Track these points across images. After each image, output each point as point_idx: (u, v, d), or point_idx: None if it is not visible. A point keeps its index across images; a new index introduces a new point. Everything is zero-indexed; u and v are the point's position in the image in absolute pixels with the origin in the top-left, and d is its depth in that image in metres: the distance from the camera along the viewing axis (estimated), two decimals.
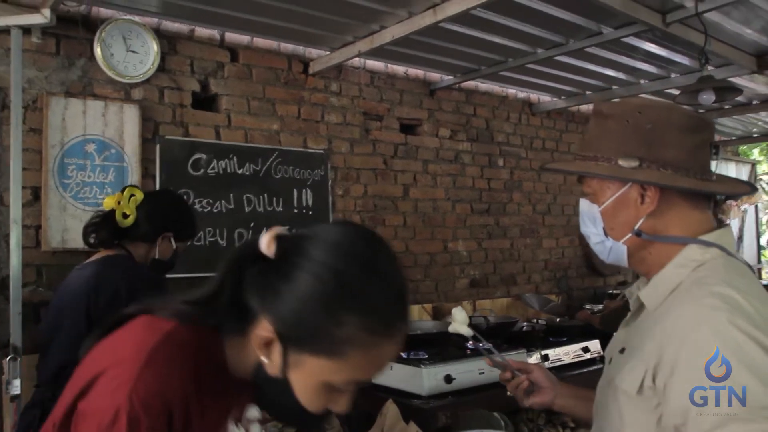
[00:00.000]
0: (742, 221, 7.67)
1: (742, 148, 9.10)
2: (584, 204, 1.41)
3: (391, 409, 2.62)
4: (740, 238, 7.67)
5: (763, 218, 9.57)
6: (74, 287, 2.28)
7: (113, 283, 2.19)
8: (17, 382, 2.78)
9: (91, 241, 2.37)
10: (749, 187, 1.49)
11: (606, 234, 1.36)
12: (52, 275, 3.14)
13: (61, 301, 2.33)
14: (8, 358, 2.82)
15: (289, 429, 2.66)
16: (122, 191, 2.41)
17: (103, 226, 2.37)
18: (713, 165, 4.63)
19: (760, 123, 6.85)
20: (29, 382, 2.81)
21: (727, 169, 7.52)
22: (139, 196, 2.41)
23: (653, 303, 1.28)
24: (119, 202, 2.36)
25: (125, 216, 2.35)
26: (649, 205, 1.28)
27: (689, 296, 1.19)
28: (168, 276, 3.30)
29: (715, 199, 1.36)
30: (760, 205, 8.37)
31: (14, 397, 2.78)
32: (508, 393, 1.77)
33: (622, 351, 1.34)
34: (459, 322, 1.76)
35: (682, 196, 1.29)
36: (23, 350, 2.88)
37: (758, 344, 1.06)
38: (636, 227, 1.30)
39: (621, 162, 1.28)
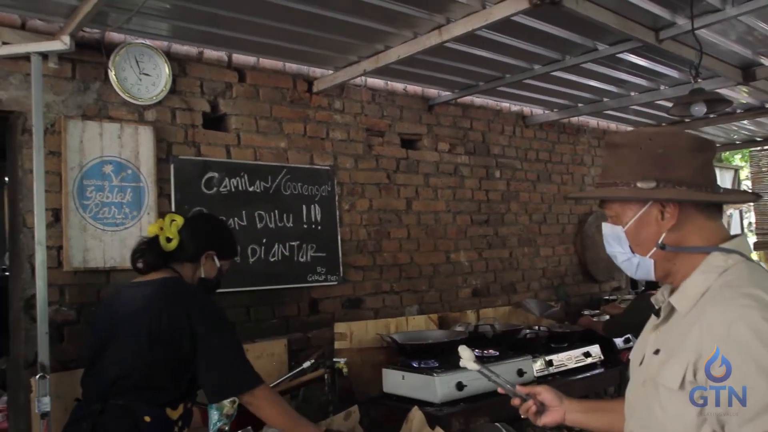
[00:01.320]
0: (728, 225, 7.88)
1: (725, 154, 9.35)
2: (607, 227, 1.55)
3: (416, 415, 2.71)
4: None
5: (746, 221, 9.81)
6: (136, 303, 2.34)
7: (177, 305, 2.29)
8: (47, 400, 2.85)
9: (139, 266, 2.48)
10: (754, 196, 1.66)
11: (632, 251, 1.50)
12: (74, 295, 3.22)
13: (118, 315, 2.38)
14: (37, 377, 2.89)
15: None
16: (163, 218, 2.54)
17: (149, 252, 2.48)
18: None
19: (741, 131, 7.09)
20: (57, 400, 2.89)
21: (719, 174, 7.73)
22: (180, 220, 2.52)
23: (685, 307, 1.40)
24: (161, 228, 2.48)
25: (168, 240, 2.46)
26: (669, 220, 1.43)
27: (721, 298, 1.31)
28: None
29: (721, 213, 1.50)
30: (743, 208, 8.59)
31: (44, 414, 2.85)
32: (522, 416, 1.90)
33: (656, 352, 1.46)
34: (466, 359, 1.90)
35: (698, 209, 1.44)
36: (51, 368, 2.95)
37: None
38: (660, 241, 1.44)
39: (640, 184, 1.43)
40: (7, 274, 6.44)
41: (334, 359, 3.50)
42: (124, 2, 2.95)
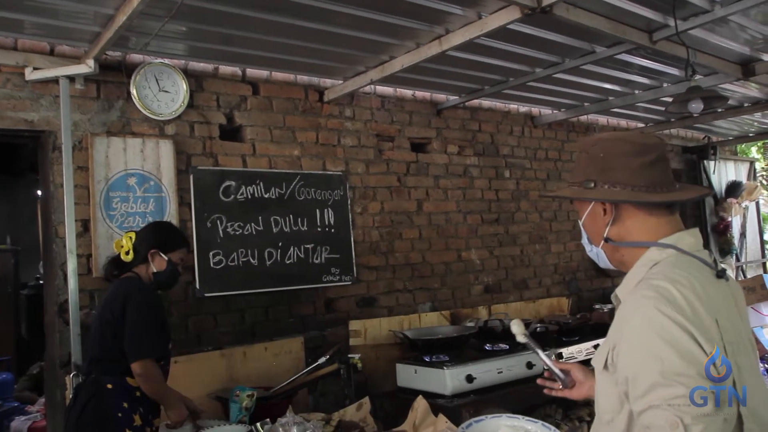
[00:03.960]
0: (744, 218, 7.90)
1: (741, 147, 9.36)
2: (579, 222, 1.75)
3: (421, 404, 2.89)
4: (743, 234, 7.89)
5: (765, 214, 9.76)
6: (102, 302, 2.98)
7: (119, 296, 2.84)
8: None
9: (109, 277, 3.07)
10: (702, 190, 1.78)
11: (590, 242, 1.71)
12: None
13: (96, 312, 3.07)
14: (71, 375, 3.13)
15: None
16: (121, 237, 3.11)
17: (113, 266, 3.05)
18: (711, 165, 4.98)
19: (755, 123, 7.13)
20: None
21: (726, 167, 7.77)
22: (133, 235, 3.04)
23: (624, 296, 1.57)
24: (122, 246, 3.02)
25: (127, 253, 3.00)
26: (608, 215, 1.61)
27: (636, 289, 1.49)
28: (207, 294, 3.64)
29: (683, 206, 1.63)
30: (761, 201, 8.59)
31: None
32: (546, 393, 2.03)
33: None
34: (518, 333, 2.09)
35: (638, 207, 1.59)
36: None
37: (678, 325, 1.36)
38: (605, 235, 1.63)
39: (584, 185, 1.63)
40: (41, 282, 6.76)
41: (349, 355, 3.68)
42: (143, 27, 3.17)
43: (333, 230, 4.33)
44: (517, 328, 2.07)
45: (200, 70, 3.95)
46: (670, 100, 5.18)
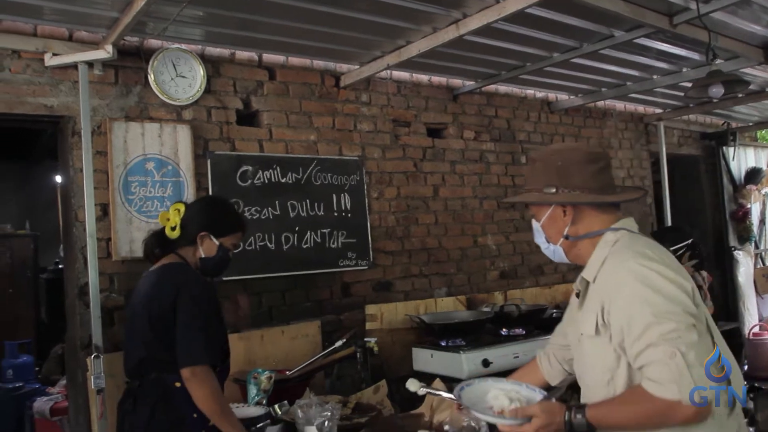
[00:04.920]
0: (764, 204, 7.81)
1: (761, 132, 9.25)
2: (534, 224, 1.99)
3: (439, 386, 2.90)
4: (762, 221, 7.79)
5: None
6: (141, 294, 2.59)
7: (168, 289, 2.50)
8: (101, 377, 3.14)
9: (150, 255, 2.73)
10: (641, 191, 2.07)
11: (548, 241, 1.94)
12: (122, 282, 3.50)
13: (133, 306, 2.67)
14: (92, 357, 3.18)
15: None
16: (168, 209, 2.74)
17: (155, 243, 2.72)
18: (730, 151, 5.03)
19: None
20: (110, 378, 3.17)
21: (746, 153, 7.67)
22: (182, 208, 2.70)
23: (592, 275, 1.80)
24: (168, 219, 2.69)
25: (173, 229, 2.66)
26: (569, 216, 1.85)
27: (612, 260, 1.75)
28: (225, 278, 3.67)
29: (618, 205, 1.90)
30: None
31: (99, 391, 3.14)
32: None
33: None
34: (416, 389, 2.32)
35: (592, 207, 1.84)
36: (104, 349, 3.24)
37: (659, 273, 1.64)
38: (565, 233, 1.87)
39: (545, 190, 1.85)
40: (61, 267, 6.85)
41: (365, 339, 3.71)
42: (161, 12, 3.18)
43: (349, 215, 4.35)
44: (413, 386, 2.29)
45: (217, 55, 3.96)
46: (689, 85, 5.13)
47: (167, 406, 2.43)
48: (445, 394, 2.28)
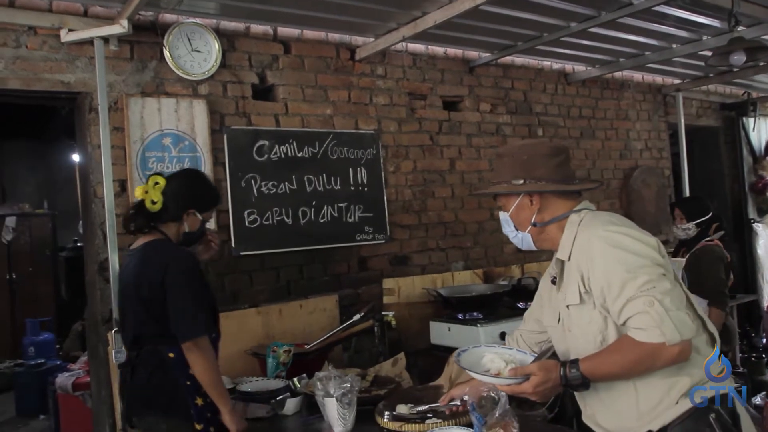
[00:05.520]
0: None
1: None
2: (501, 214, 2.10)
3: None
4: None
5: None
6: (129, 274, 2.61)
7: (157, 270, 2.49)
8: (122, 351, 3.15)
9: (132, 228, 2.65)
10: (597, 183, 2.31)
11: (516, 229, 2.06)
12: None
13: (123, 284, 2.68)
14: (113, 331, 3.21)
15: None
16: (147, 181, 2.64)
17: (137, 216, 2.63)
18: (750, 122, 5.00)
19: None
20: None
21: (767, 124, 7.56)
22: (162, 182, 2.61)
23: (566, 254, 1.93)
24: (147, 192, 2.60)
25: (153, 202, 2.59)
26: (536, 205, 1.99)
27: (582, 234, 1.90)
28: (242, 253, 3.68)
29: (579, 193, 2.05)
30: None
31: (120, 364, 3.16)
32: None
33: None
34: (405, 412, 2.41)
35: (556, 195, 1.99)
36: None
37: (626, 234, 1.80)
38: (533, 221, 2.01)
39: (513, 182, 1.99)
40: (79, 245, 6.91)
41: (383, 312, 3.72)
42: None
43: (366, 189, 4.34)
44: (403, 410, 2.39)
45: (232, 29, 3.94)
46: (709, 54, 5.04)
47: (163, 374, 2.51)
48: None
